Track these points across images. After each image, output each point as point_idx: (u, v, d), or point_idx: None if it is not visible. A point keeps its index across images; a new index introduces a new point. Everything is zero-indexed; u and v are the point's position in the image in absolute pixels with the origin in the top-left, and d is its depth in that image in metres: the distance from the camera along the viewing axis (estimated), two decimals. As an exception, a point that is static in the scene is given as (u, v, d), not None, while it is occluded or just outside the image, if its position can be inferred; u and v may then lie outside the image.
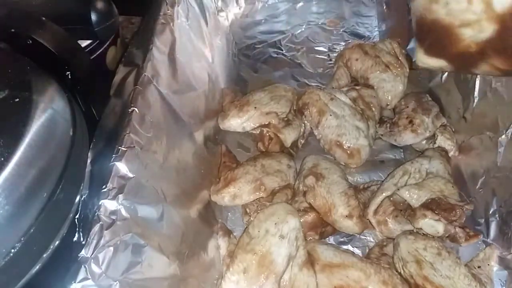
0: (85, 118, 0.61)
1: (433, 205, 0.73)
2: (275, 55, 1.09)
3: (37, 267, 0.50)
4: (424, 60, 0.50)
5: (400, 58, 0.99)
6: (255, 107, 0.89)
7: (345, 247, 0.78)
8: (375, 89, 0.95)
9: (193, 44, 0.87)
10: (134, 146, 0.60)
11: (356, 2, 1.12)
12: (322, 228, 0.79)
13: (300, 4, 1.11)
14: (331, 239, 0.80)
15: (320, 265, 0.70)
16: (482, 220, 0.76)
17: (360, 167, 0.88)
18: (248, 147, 0.94)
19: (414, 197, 0.76)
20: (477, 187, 0.79)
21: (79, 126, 0.57)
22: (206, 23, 0.94)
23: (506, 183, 0.73)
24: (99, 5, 0.75)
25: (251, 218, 0.78)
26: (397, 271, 0.71)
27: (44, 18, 0.67)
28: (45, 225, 0.49)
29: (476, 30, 0.41)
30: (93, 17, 0.74)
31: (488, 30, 0.40)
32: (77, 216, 0.55)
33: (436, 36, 0.46)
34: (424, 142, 0.89)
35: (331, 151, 0.88)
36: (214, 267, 0.73)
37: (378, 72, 0.95)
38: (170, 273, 0.61)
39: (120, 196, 0.55)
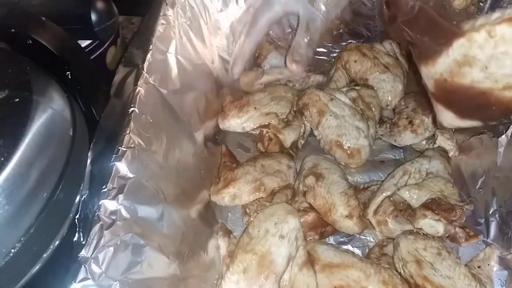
0: (85, 118, 0.61)
1: (433, 205, 0.73)
2: (275, 55, 1.09)
3: (37, 267, 0.50)
4: (454, 123, 0.45)
5: (399, 58, 0.99)
6: (255, 108, 0.89)
7: (345, 247, 0.78)
8: (375, 89, 0.95)
9: (193, 44, 0.87)
10: (134, 146, 0.60)
11: (356, 2, 1.11)
12: (322, 228, 0.79)
13: (300, 4, 1.11)
14: (331, 239, 0.80)
15: (320, 265, 0.70)
16: (482, 220, 0.76)
17: (360, 167, 0.88)
18: (248, 147, 0.94)
19: (414, 197, 0.76)
20: (477, 187, 0.79)
21: (79, 126, 0.57)
22: (206, 23, 0.93)
23: (506, 183, 0.73)
24: (99, 5, 0.75)
25: (251, 218, 0.78)
26: (397, 271, 0.71)
27: (44, 18, 0.67)
28: (45, 225, 0.49)
29: None
30: (93, 17, 0.74)
31: None
32: (77, 216, 0.55)
33: (469, 100, 0.41)
34: (424, 142, 0.89)
35: (331, 151, 0.88)
36: (214, 267, 0.73)
37: (377, 73, 0.95)
38: (170, 273, 0.60)
39: (120, 196, 0.54)
